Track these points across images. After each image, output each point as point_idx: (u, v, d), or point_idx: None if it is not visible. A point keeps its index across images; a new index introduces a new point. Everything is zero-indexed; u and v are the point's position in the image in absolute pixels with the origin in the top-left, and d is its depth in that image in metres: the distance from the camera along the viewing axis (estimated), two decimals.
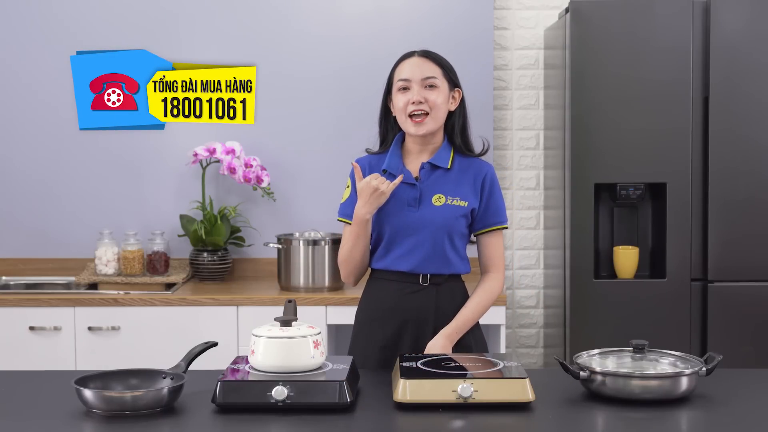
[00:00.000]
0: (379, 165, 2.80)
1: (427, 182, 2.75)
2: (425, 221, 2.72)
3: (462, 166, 2.79)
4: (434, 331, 2.73)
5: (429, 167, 2.76)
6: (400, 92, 2.73)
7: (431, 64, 2.74)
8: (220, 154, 4.26)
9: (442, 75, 2.74)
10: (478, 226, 2.79)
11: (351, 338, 2.87)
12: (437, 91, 2.72)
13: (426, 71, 2.72)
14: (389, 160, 2.78)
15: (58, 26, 4.40)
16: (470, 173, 2.78)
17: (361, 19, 4.40)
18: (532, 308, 4.60)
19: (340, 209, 2.86)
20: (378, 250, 2.79)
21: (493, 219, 2.79)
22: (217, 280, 4.29)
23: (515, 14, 4.51)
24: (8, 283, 4.37)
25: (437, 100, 2.71)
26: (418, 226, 2.72)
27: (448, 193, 2.74)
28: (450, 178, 2.76)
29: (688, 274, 3.90)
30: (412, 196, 2.74)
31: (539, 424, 2.18)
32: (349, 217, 2.80)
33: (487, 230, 2.80)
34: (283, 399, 2.20)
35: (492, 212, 2.79)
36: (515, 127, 4.54)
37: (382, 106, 2.84)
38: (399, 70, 2.76)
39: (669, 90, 3.85)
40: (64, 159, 4.45)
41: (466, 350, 2.76)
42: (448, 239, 2.74)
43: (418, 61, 2.74)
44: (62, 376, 2.48)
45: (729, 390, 2.39)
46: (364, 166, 2.81)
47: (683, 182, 3.88)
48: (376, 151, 2.86)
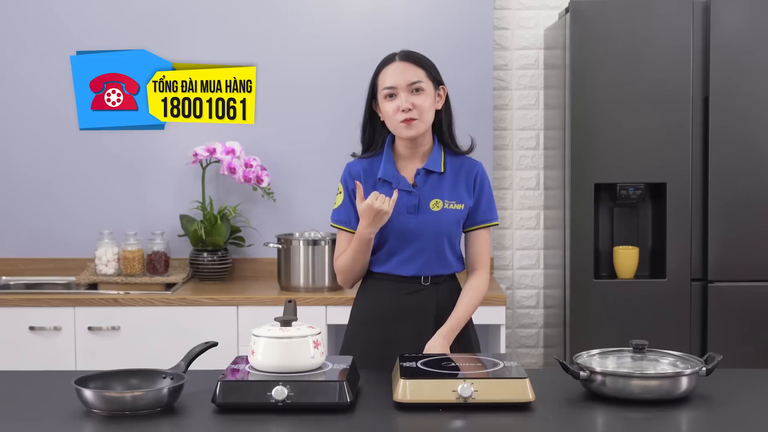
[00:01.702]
0: (372, 170, 2.79)
1: (423, 188, 2.76)
2: (425, 227, 2.73)
3: (454, 168, 2.80)
4: (436, 327, 2.74)
5: (424, 173, 2.77)
6: (387, 99, 2.73)
7: (414, 68, 2.73)
8: (220, 154, 4.26)
9: (426, 77, 2.73)
10: (468, 222, 2.81)
11: (345, 338, 2.86)
12: (424, 94, 2.72)
13: (410, 76, 2.71)
14: (384, 168, 2.77)
15: (58, 26, 4.40)
16: (462, 174, 2.79)
17: (361, 19, 4.40)
18: (532, 308, 4.60)
19: (333, 215, 2.85)
20: (379, 255, 2.79)
21: (483, 216, 2.82)
22: (217, 280, 4.29)
23: (515, 14, 4.51)
24: (8, 283, 4.37)
25: (424, 104, 2.71)
26: (418, 233, 2.73)
27: (444, 198, 2.76)
28: (445, 182, 2.77)
29: (688, 274, 3.90)
30: (411, 203, 2.75)
31: (539, 424, 2.18)
32: (342, 224, 2.81)
33: (477, 227, 2.81)
34: (283, 399, 2.20)
35: (483, 209, 2.81)
36: (515, 127, 4.54)
37: (367, 111, 2.82)
38: (382, 77, 2.74)
39: (669, 90, 3.85)
40: (64, 159, 4.45)
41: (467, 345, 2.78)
42: (447, 242, 2.76)
43: (401, 66, 2.73)
44: (62, 376, 2.47)
45: (729, 390, 2.39)
46: (359, 172, 2.80)
47: (683, 182, 3.88)
48: (365, 155, 2.84)
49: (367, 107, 2.82)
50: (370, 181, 2.78)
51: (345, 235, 2.82)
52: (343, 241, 2.82)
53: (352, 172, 2.80)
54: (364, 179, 2.78)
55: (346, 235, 2.81)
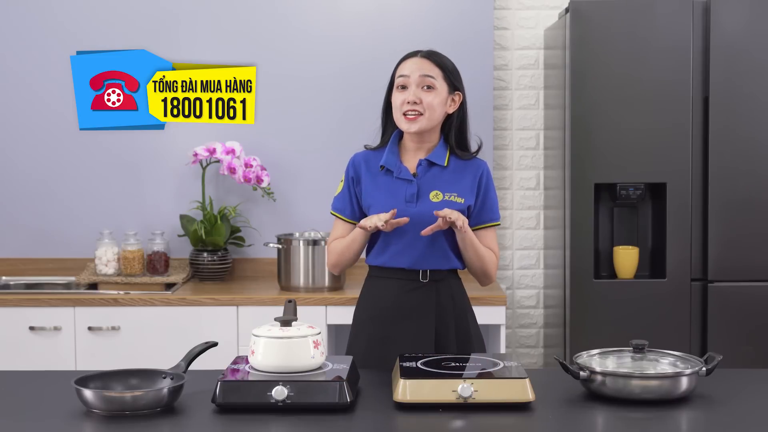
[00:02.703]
0: (375, 161, 2.83)
1: (424, 178, 2.78)
2: (423, 217, 2.73)
3: (458, 164, 2.82)
4: (436, 328, 2.75)
5: (426, 164, 2.79)
6: (398, 90, 2.77)
7: (431, 65, 2.76)
8: (220, 154, 4.26)
9: (441, 77, 2.76)
10: (473, 222, 2.81)
11: (350, 337, 2.87)
12: (434, 92, 2.74)
13: (425, 70, 2.75)
14: (386, 157, 2.80)
15: (58, 26, 4.40)
16: (467, 171, 2.81)
17: (362, 19, 4.40)
18: (532, 308, 4.60)
19: (333, 202, 2.89)
20: (376, 245, 2.81)
21: (487, 216, 2.84)
22: (217, 280, 4.29)
23: (515, 14, 4.51)
24: (8, 283, 4.37)
25: (433, 102, 2.73)
26: (416, 222, 2.73)
27: (445, 190, 2.77)
28: (447, 175, 2.79)
29: (688, 274, 3.90)
30: (410, 192, 2.76)
31: (539, 424, 2.18)
32: (339, 211, 2.87)
33: (482, 227, 2.83)
34: (283, 399, 2.20)
35: (487, 209, 2.83)
36: (515, 127, 4.54)
37: (385, 101, 2.87)
38: (401, 67, 2.79)
39: (669, 90, 3.85)
40: (64, 159, 4.45)
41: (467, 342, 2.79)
42: (445, 234, 2.76)
43: (419, 61, 2.77)
44: (62, 376, 2.48)
45: (729, 390, 2.39)
46: (360, 162, 2.85)
47: (683, 182, 3.88)
48: (374, 146, 2.88)
49: (386, 99, 2.86)
50: (372, 171, 2.81)
51: (340, 222, 2.87)
52: (338, 227, 2.87)
53: (356, 163, 2.86)
54: (366, 169, 2.82)
55: (341, 222, 2.86)
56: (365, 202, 2.81)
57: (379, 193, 2.78)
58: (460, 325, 2.81)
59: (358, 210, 2.84)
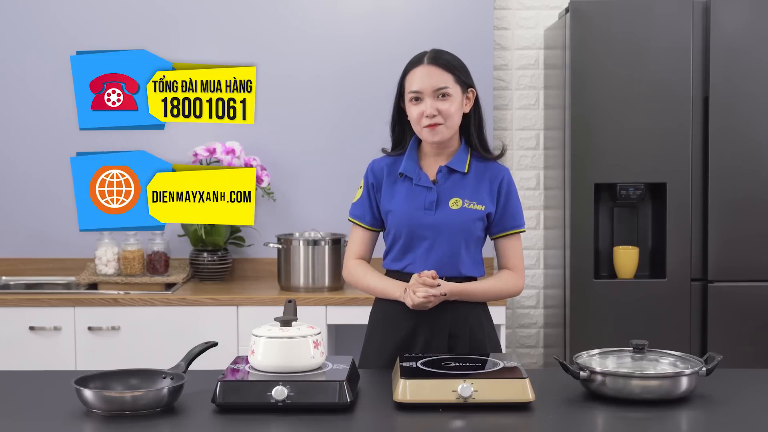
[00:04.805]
0: (395, 167, 2.79)
1: (444, 186, 2.74)
2: (442, 224, 2.71)
3: (479, 170, 2.77)
4: (450, 334, 2.73)
5: (446, 171, 2.75)
6: (412, 103, 2.71)
7: (441, 72, 2.70)
8: (220, 154, 4.26)
9: (453, 81, 2.71)
10: (496, 230, 2.78)
11: (365, 338, 2.86)
12: (450, 99, 2.69)
13: (437, 82, 2.68)
14: (405, 164, 2.77)
15: (57, 26, 4.40)
16: (487, 177, 2.76)
17: (361, 19, 4.40)
18: (532, 308, 4.60)
19: (351, 209, 2.86)
20: (393, 251, 2.78)
21: (510, 223, 2.78)
22: (217, 280, 4.29)
23: (515, 14, 4.51)
24: (8, 283, 4.37)
25: (450, 109, 2.69)
26: (435, 230, 2.71)
27: (465, 197, 2.73)
28: (467, 182, 2.75)
29: (688, 274, 3.90)
30: (429, 199, 2.73)
31: (539, 424, 2.18)
32: (357, 218, 2.83)
33: (505, 234, 2.79)
34: (283, 399, 2.20)
35: (509, 216, 2.78)
36: (515, 127, 4.54)
37: (395, 110, 2.81)
38: (409, 80, 2.72)
39: (669, 90, 3.85)
40: (64, 159, 4.44)
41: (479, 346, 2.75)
42: (464, 243, 2.73)
43: (428, 70, 2.70)
44: (62, 376, 2.47)
45: (729, 390, 2.39)
46: (381, 169, 2.80)
47: (683, 182, 3.88)
48: (394, 152, 2.84)
49: (395, 106, 2.81)
50: (392, 177, 2.78)
51: (359, 229, 2.83)
52: (356, 235, 2.84)
53: (375, 169, 2.81)
54: (387, 175, 2.78)
55: (360, 229, 2.83)
56: (384, 209, 2.78)
57: (399, 200, 2.75)
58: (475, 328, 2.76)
59: (378, 217, 2.81)
